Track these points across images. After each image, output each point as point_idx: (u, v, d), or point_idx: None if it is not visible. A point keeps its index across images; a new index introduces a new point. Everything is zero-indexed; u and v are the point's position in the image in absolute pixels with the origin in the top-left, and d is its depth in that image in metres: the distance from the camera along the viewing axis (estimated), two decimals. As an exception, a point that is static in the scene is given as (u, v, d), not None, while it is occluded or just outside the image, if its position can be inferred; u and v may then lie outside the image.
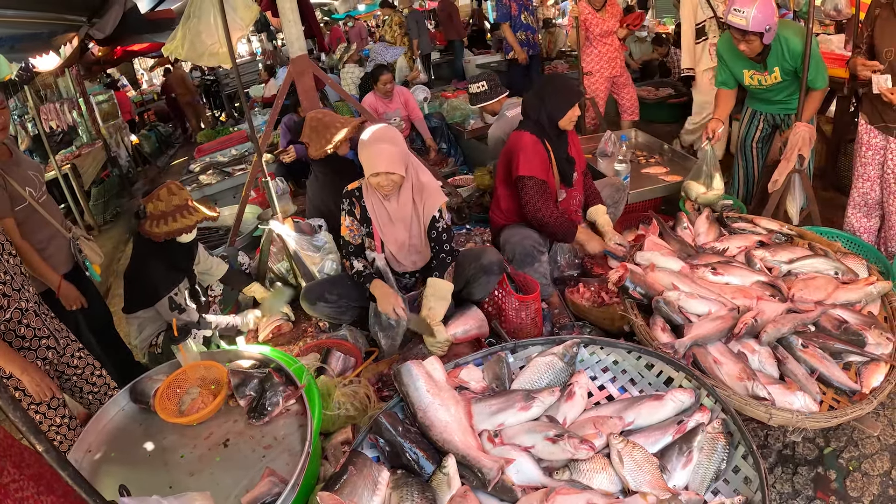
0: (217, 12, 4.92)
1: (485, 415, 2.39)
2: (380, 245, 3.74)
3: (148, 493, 1.98)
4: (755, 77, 4.40)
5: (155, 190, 3.80)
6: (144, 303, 3.85)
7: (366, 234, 3.79)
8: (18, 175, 3.49)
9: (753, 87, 4.52)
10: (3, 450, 1.37)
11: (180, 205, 3.76)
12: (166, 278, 3.86)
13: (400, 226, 3.69)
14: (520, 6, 8.83)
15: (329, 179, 5.19)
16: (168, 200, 3.73)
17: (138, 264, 3.89)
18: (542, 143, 3.95)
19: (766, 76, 4.32)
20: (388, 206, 3.64)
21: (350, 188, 3.77)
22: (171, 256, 3.87)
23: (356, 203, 3.73)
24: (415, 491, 2.05)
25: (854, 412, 2.49)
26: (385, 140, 3.47)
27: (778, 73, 4.26)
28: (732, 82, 4.70)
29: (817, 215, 4.43)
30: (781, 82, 4.34)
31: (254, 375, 2.68)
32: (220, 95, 17.11)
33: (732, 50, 4.33)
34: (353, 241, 3.78)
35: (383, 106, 7.30)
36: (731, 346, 2.79)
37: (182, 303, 3.89)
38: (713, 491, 2.14)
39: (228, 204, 7.32)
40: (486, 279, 3.74)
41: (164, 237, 3.71)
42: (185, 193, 3.84)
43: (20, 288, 3.02)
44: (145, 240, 3.78)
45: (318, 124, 4.90)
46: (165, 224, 3.70)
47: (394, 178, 3.47)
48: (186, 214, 3.76)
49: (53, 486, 1.46)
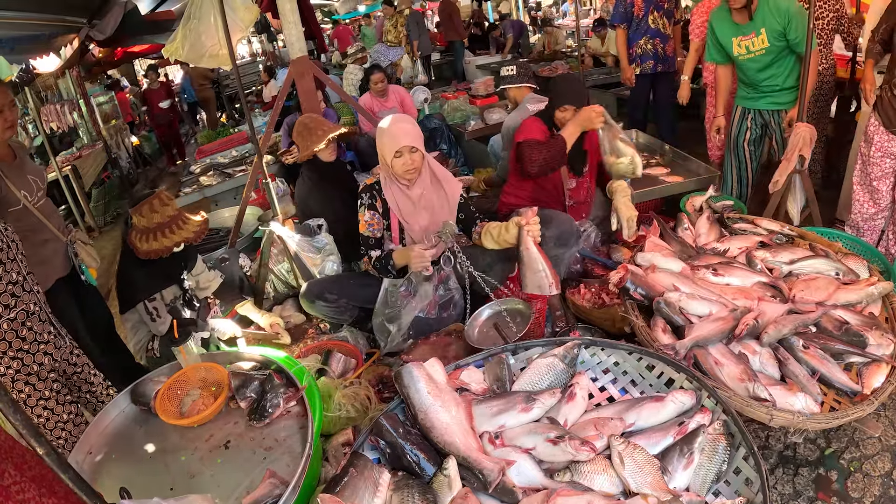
0: (217, 13, 4.92)
1: (486, 416, 2.38)
2: (397, 236, 3.74)
3: (149, 495, 1.98)
4: (742, 44, 4.47)
5: (143, 201, 3.74)
6: (126, 305, 3.85)
7: (385, 226, 3.81)
8: (18, 179, 3.49)
9: (742, 58, 4.58)
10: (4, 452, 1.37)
11: (162, 223, 3.70)
12: (146, 285, 3.83)
13: (424, 213, 3.72)
14: (648, 4, 6.83)
15: (315, 184, 5.21)
16: (150, 217, 3.69)
17: (122, 267, 3.89)
18: (546, 126, 4.22)
19: (754, 39, 4.38)
20: (410, 194, 3.67)
21: (368, 182, 3.79)
22: (156, 264, 3.81)
23: (377, 196, 3.75)
24: (416, 493, 2.05)
25: (855, 413, 2.48)
26: (403, 120, 3.57)
27: (765, 36, 4.33)
28: (723, 55, 4.84)
29: (818, 216, 4.44)
30: (769, 50, 4.44)
31: (254, 377, 2.67)
32: (221, 97, 17.16)
33: (721, 18, 4.43)
34: (374, 234, 3.80)
35: (379, 105, 7.34)
36: (731, 347, 2.78)
37: (155, 312, 3.85)
38: (714, 492, 2.14)
39: (229, 205, 7.34)
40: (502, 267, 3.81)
41: (144, 256, 3.68)
42: (172, 207, 3.79)
43: (31, 290, 3.02)
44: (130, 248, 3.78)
45: (303, 129, 4.94)
46: (146, 242, 3.67)
47: (416, 157, 3.52)
48: (168, 234, 3.71)
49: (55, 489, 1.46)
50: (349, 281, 3.97)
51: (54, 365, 3.19)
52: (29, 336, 3.02)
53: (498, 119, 7.46)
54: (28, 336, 3.01)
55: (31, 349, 3.04)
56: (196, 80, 15.90)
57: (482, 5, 18.95)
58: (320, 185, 5.03)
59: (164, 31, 9.54)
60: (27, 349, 3.01)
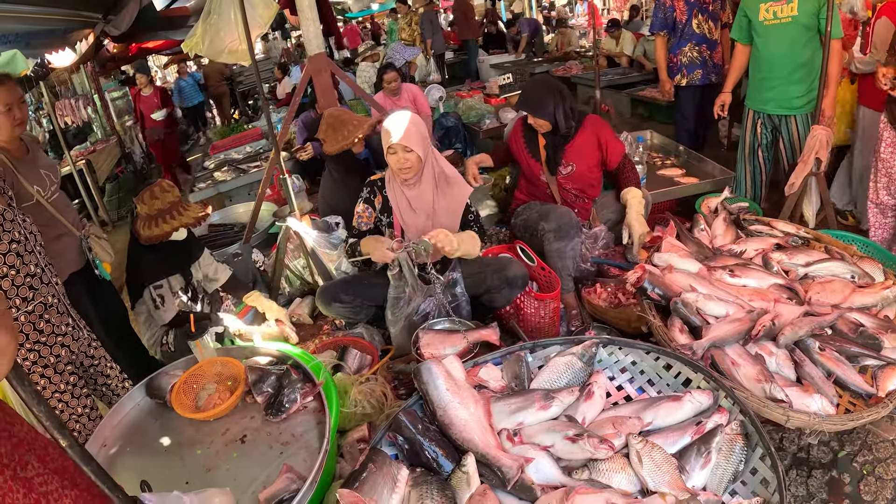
0: (237, 9, 4.93)
1: (504, 414, 2.39)
2: (400, 235, 3.74)
3: (164, 489, 1.99)
4: (771, 9, 4.46)
5: (144, 189, 3.79)
6: (134, 294, 3.88)
7: (386, 224, 3.80)
8: (31, 174, 3.51)
9: (767, 23, 4.60)
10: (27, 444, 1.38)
11: (163, 209, 3.75)
12: (151, 270, 3.87)
13: (421, 214, 3.70)
14: (690, 7, 6.02)
15: (342, 177, 5.22)
16: (151, 204, 3.73)
17: (129, 256, 3.93)
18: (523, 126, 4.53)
19: (783, 5, 4.36)
20: (408, 195, 3.67)
21: (373, 178, 3.80)
22: (162, 252, 3.86)
23: (377, 192, 3.76)
24: (434, 489, 2.06)
25: (870, 415, 2.48)
26: (404, 118, 3.55)
27: (796, 4, 4.32)
28: (747, 34, 4.84)
29: (833, 218, 4.44)
30: (795, 20, 4.44)
31: (271, 372, 2.69)
32: (235, 93, 17.16)
33: None
34: (361, 226, 3.81)
35: (391, 104, 7.33)
36: (748, 348, 2.78)
37: (158, 300, 3.87)
38: (731, 492, 2.14)
39: (243, 201, 7.36)
40: (509, 291, 3.76)
41: (146, 242, 3.73)
42: (173, 194, 3.82)
43: (49, 282, 3.04)
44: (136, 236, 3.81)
45: (335, 121, 4.94)
46: (148, 228, 3.71)
47: (410, 157, 3.50)
48: (169, 219, 3.75)
49: (77, 481, 1.46)
50: (363, 281, 3.96)
51: (71, 357, 3.20)
52: (46, 328, 3.02)
53: (513, 118, 7.45)
54: (45, 328, 3.02)
55: (49, 341, 3.04)
56: (213, 77, 15.86)
57: (495, 4, 18.95)
58: (346, 180, 5.05)
59: (179, 28, 9.59)
60: (44, 341, 3.02)
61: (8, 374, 1.14)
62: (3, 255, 2.76)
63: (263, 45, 21.10)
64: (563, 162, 4.31)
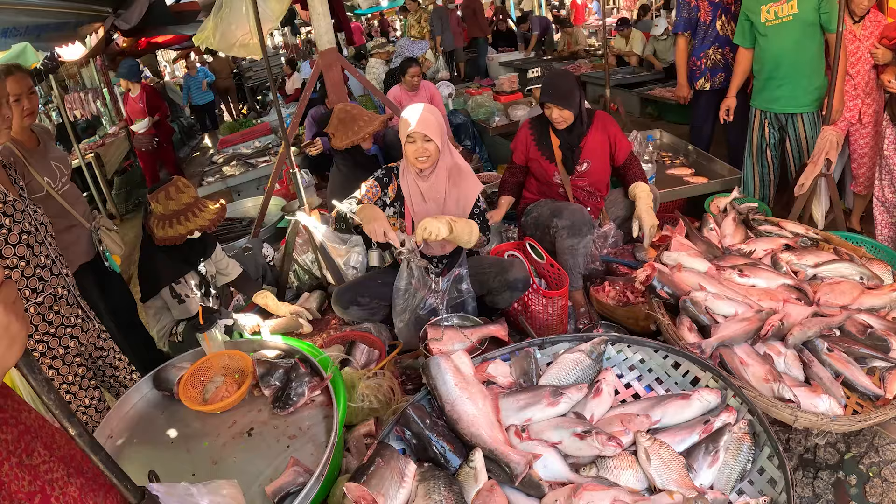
0: (248, 3, 4.94)
1: (512, 410, 2.39)
2: (410, 226, 3.73)
3: (170, 480, 1.99)
4: (772, 9, 4.50)
5: (160, 188, 3.73)
6: (149, 291, 3.86)
7: (397, 213, 3.78)
8: (41, 165, 3.51)
9: (769, 24, 4.65)
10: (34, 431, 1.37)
11: (178, 210, 3.69)
12: (170, 269, 3.85)
13: (433, 205, 3.68)
14: (715, 8, 5.75)
15: (350, 173, 5.22)
16: (166, 204, 3.67)
17: (144, 254, 3.90)
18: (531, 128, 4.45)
19: (783, 5, 4.38)
20: (421, 185, 3.65)
21: (391, 165, 3.78)
22: (177, 249, 3.83)
23: (393, 179, 3.74)
24: (441, 484, 2.06)
25: (878, 416, 2.48)
26: (425, 108, 3.51)
27: (795, 2, 4.38)
28: (750, 38, 4.89)
29: (842, 219, 4.44)
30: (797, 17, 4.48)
31: (279, 365, 2.69)
32: (243, 88, 17.15)
33: None
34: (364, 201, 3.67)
35: (408, 99, 7.31)
36: (757, 347, 2.78)
37: (183, 294, 3.87)
38: (738, 491, 2.14)
39: (252, 195, 7.39)
40: (510, 294, 3.74)
41: (160, 243, 3.68)
42: (189, 195, 3.76)
43: (59, 273, 3.04)
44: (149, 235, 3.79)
45: (346, 116, 4.95)
46: (162, 229, 3.67)
47: (430, 146, 3.48)
48: (184, 221, 3.70)
49: (83, 469, 1.46)
50: (377, 281, 3.95)
51: (80, 349, 3.20)
52: (56, 320, 3.02)
53: (522, 115, 7.45)
54: (55, 320, 3.02)
55: (58, 333, 3.04)
56: (220, 71, 15.85)
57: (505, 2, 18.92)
58: (355, 174, 5.04)
59: (189, 22, 9.60)
60: (53, 332, 3.02)
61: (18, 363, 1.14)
62: (14, 245, 2.76)
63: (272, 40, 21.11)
64: (580, 160, 4.30)
